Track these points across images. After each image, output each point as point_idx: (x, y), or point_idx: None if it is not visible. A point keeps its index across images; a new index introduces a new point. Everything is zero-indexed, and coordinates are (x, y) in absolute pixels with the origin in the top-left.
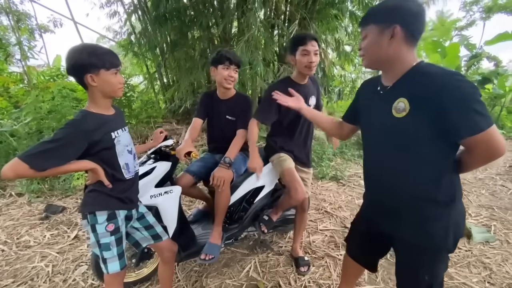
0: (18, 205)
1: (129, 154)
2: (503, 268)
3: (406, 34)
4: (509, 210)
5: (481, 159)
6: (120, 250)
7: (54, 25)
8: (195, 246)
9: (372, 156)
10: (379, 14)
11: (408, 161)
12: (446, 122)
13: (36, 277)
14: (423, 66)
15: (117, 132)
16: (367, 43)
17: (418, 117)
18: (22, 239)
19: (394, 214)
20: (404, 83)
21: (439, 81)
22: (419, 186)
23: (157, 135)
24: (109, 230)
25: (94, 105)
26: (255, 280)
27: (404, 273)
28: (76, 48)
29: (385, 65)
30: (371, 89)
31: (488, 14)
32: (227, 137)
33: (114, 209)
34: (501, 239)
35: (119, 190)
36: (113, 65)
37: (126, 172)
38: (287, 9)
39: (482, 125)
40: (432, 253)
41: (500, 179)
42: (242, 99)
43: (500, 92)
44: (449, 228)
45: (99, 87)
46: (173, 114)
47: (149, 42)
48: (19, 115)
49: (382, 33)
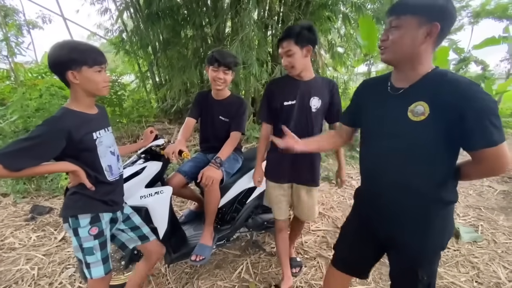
0: (3, 206)
1: (112, 156)
2: (490, 267)
3: (439, 35)
4: (495, 211)
5: (485, 172)
6: (104, 254)
7: (43, 21)
8: (186, 248)
9: (378, 156)
10: (422, 6)
11: (419, 162)
12: (463, 131)
13: (21, 280)
14: (445, 72)
15: (99, 133)
16: (398, 35)
17: (437, 122)
18: (6, 241)
19: (397, 215)
20: (424, 86)
21: (466, 90)
22: (428, 187)
23: (147, 134)
24: (93, 234)
25: (76, 103)
26: (247, 281)
27: (402, 274)
28: (58, 44)
29: (407, 64)
30: (377, 89)
31: (476, 19)
32: (220, 138)
33: (98, 211)
34: (488, 239)
35: (102, 192)
36: (96, 62)
37: (109, 174)
38: (281, 10)
39: (496, 139)
40: (432, 253)
41: (487, 180)
42: (236, 100)
43: None
44: (448, 227)
45: (81, 84)
46: (165, 114)
47: (141, 40)
48: (5, 113)
49: (419, 28)
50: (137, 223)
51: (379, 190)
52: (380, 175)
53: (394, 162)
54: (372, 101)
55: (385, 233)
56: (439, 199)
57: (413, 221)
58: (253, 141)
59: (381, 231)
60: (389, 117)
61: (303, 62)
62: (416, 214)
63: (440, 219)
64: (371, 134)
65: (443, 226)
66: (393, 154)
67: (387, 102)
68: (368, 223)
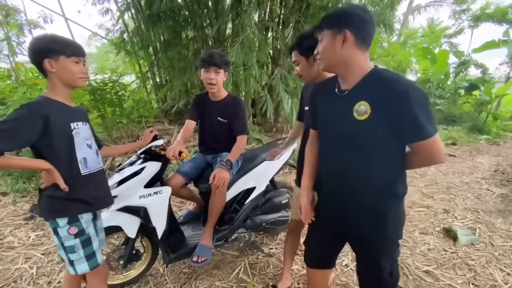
0: (2, 205)
1: (89, 149)
2: (487, 270)
3: (356, 39)
4: (493, 213)
5: (422, 162)
6: (88, 251)
7: (44, 21)
8: (184, 248)
9: (332, 155)
10: (330, 20)
11: (370, 159)
12: (400, 126)
13: (19, 279)
14: (381, 72)
15: (77, 124)
16: (322, 47)
17: (378, 119)
18: (5, 239)
19: (354, 211)
20: (364, 87)
21: (397, 88)
22: (380, 182)
23: (146, 134)
24: (72, 233)
25: (53, 92)
26: (245, 282)
27: (366, 265)
28: (38, 35)
29: (341, 69)
30: (327, 91)
31: (476, 22)
32: (218, 138)
33: (73, 214)
34: (485, 242)
35: (77, 189)
36: (74, 54)
37: (83, 167)
38: (281, 12)
39: (429, 132)
40: (390, 243)
41: (485, 183)
42: (233, 101)
43: (487, 99)
44: (401, 217)
45: (58, 73)
46: (165, 114)
47: (142, 41)
48: (6, 112)
49: (335, 38)
50: None
51: (333, 189)
52: (334, 174)
53: (346, 160)
54: (322, 103)
55: (345, 229)
56: (391, 193)
57: (370, 216)
58: (253, 142)
59: (342, 228)
60: (337, 117)
61: (309, 70)
62: (372, 209)
63: (394, 211)
64: (324, 134)
65: (397, 217)
66: (343, 153)
67: (335, 103)
68: (329, 220)
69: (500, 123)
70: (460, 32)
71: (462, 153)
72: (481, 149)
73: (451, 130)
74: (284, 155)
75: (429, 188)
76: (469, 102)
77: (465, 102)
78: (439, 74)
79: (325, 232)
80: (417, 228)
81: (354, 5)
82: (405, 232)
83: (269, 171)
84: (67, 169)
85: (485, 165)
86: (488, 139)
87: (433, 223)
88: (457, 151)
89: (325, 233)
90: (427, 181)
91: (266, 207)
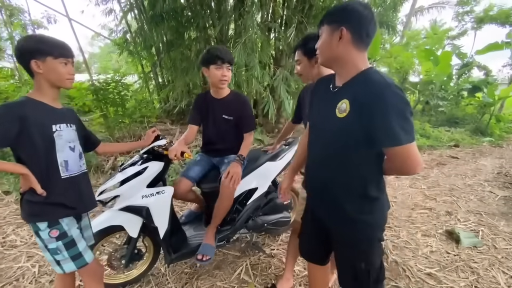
0: (5, 204)
1: (71, 152)
2: (490, 272)
3: (353, 37)
4: (496, 216)
5: (396, 170)
6: (73, 252)
7: (48, 21)
8: (186, 248)
9: (316, 151)
10: (330, 16)
11: (344, 157)
12: (373, 129)
13: (21, 278)
14: (370, 73)
15: (60, 126)
16: (320, 42)
17: (354, 119)
18: (8, 238)
19: (332, 208)
20: (350, 85)
21: (376, 90)
22: (351, 182)
23: (149, 134)
24: (54, 236)
25: (39, 93)
26: (246, 282)
27: (343, 262)
28: (25, 36)
29: (336, 65)
30: (325, 87)
31: (480, 24)
32: (224, 137)
33: (53, 218)
34: (488, 244)
35: (56, 193)
36: (62, 55)
37: (63, 170)
38: (284, 13)
39: (402, 140)
40: (365, 244)
41: (488, 186)
42: (238, 98)
43: (490, 101)
44: (377, 220)
45: (45, 74)
46: (167, 114)
47: (145, 41)
48: None
49: (332, 34)
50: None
51: (315, 185)
52: (315, 170)
53: (325, 157)
54: (317, 98)
55: (326, 225)
56: (363, 195)
57: (343, 215)
58: (254, 143)
59: (324, 223)
60: (324, 113)
61: (309, 70)
62: (345, 209)
63: (366, 214)
64: (311, 126)
65: (372, 220)
66: (324, 149)
67: (326, 99)
68: (315, 215)
69: (503, 125)
70: (463, 34)
71: (464, 155)
72: (484, 151)
73: (453, 132)
74: (286, 156)
75: (431, 190)
76: (472, 104)
77: (468, 104)
78: (441, 76)
79: (312, 221)
80: (420, 230)
81: (356, 2)
82: (407, 234)
83: (271, 172)
84: (45, 172)
85: (488, 167)
86: (491, 141)
87: (435, 225)
88: (460, 153)
89: (312, 221)
90: (429, 183)
91: (268, 208)
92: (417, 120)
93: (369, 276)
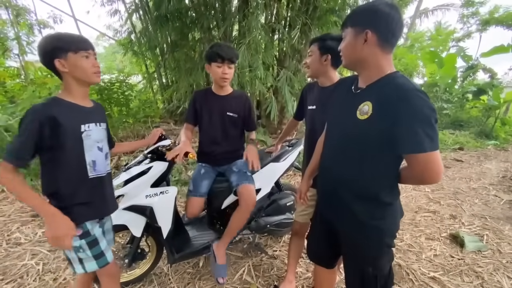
0: (10, 201)
1: (99, 152)
2: (495, 277)
3: (379, 39)
4: (501, 220)
5: (415, 178)
6: (96, 251)
7: (54, 21)
8: (189, 248)
9: (331, 152)
10: (354, 17)
11: (361, 161)
12: (396, 134)
13: (26, 275)
14: (396, 76)
15: (88, 126)
16: (344, 45)
17: (376, 122)
18: (13, 236)
19: (342, 211)
20: (374, 88)
21: (402, 94)
22: (366, 186)
23: (154, 133)
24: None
25: (67, 93)
26: (248, 283)
27: (350, 266)
28: (43, 37)
29: (360, 67)
30: (347, 88)
31: (485, 27)
32: (229, 137)
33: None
34: (493, 249)
35: (82, 194)
36: (80, 48)
37: (91, 170)
38: (288, 15)
39: (425, 146)
40: (374, 249)
41: (493, 189)
42: (242, 95)
43: (495, 104)
44: (389, 226)
45: (71, 72)
46: (170, 115)
47: (149, 41)
48: (15, 110)
49: (357, 37)
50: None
51: (327, 186)
52: (329, 171)
53: (341, 159)
54: (338, 99)
55: (335, 228)
56: (376, 200)
57: (354, 219)
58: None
59: (333, 221)
60: (344, 114)
61: (317, 66)
62: (356, 212)
63: (378, 219)
64: (329, 128)
65: (383, 226)
66: (341, 151)
67: (348, 100)
68: (324, 217)
69: (508, 129)
70: (468, 36)
71: (469, 158)
72: (489, 155)
73: (458, 135)
74: (290, 157)
75: (435, 193)
76: (477, 107)
77: (473, 106)
78: (446, 78)
79: (321, 223)
80: (423, 234)
81: (381, 2)
82: (411, 237)
83: (274, 173)
84: (74, 172)
85: (493, 171)
86: (496, 144)
87: (439, 228)
88: (464, 156)
89: (321, 223)
90: (433, 186)
91: (270, 209)
92: None
93: (377, 281)
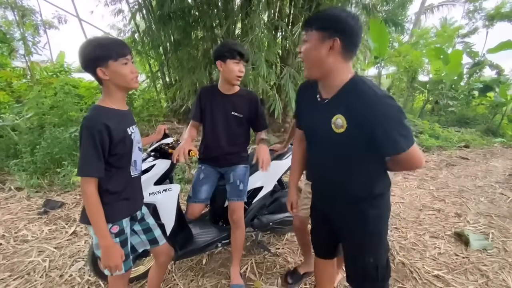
0: (17, 199)
1: (139, 152)
2: (500, 276)
3: (343, 48)
4: (507, 218)
5: (404, 168)
6: (125, 252)
7: (59, 22)
8: (192, 245)
9: (315, 159)
10: (322, 21)
11: (350, 166)
12: (376, 141)
13: (32, 272)
14: (357, 83)
15: (132, 128)
16: (307, 48)
17: (354, 134)
18: (20, 233)
19: (338, 209)
20: (340, 99)
21: (370, 105)
22: (359, 186)
23: (160, 129)
24: (114, 232)
25: (109, 99)
26: (251, 280)
27: (352, 257)
28: (83, 43)
29: (321, 75)
30: (310, 95)
31: (491, 22)
32: (233, 138)
33: (118, 219)
34: (498, 247)
35: (126, 191)
36: (120, 55)
37: (133, 169)
38: (291, 12)
39: (404, 146)
40: (373, 238)
41: (499, 187)
42: (249, 95)
43: (502, 101)
44: (383, 213)
45: (112, 79)
46: (174, 113)
47: (153, 41)
48: (21, 109)
49: (323, 42)
50: (151, 224)
51: (322, 186)
52: (320, 174)
53: (327, 167)
54: (305, 106)
55: (333, 223)
56: (370, 194)
57: (350, 215)
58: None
59: (330, 219)
60: (319, 127)
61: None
62: (353, 208)
63: (374, 208)
64: (308, 137)
65: (378, 213)
66: (325, 160)
67: (317, 111)
68: (320, 212)
69: None
70: (474, 31)
71: (475, 156)
72: (495, 152)
73: (464, 133)
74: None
75: (440, 191)
76: (483, 104)
77: (479, 104)
78: (452, 75)
79: (318, 217)
80: (428, 232)
81: (346, 12)
82: (414, 235)
83: (277, 170)
84: (123, 173)
85: (500, 168)
86: (503, 142)
87: (444, 226)
88: (470, 153)
89: (318, 217)
90: (438, 184)
91: (273, 206)
92: (426, 120)
93: (378, 272)
